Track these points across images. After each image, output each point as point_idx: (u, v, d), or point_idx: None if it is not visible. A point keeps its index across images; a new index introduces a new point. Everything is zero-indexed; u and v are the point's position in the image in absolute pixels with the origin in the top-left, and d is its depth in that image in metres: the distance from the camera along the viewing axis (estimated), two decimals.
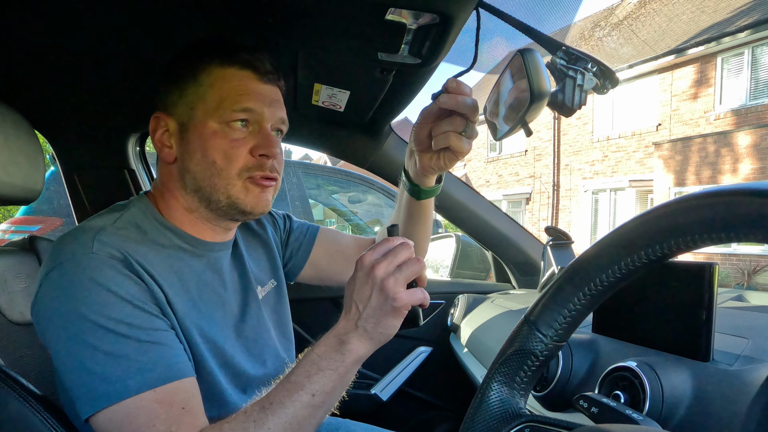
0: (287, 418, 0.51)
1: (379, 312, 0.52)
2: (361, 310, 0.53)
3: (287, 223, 0.92)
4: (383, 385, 1.37)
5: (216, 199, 0.63)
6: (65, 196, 1.24)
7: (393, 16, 0.62)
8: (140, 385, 0.50)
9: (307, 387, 0.52)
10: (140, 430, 0.49)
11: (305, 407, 0.52)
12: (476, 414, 0.44)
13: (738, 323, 0.67)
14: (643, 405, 0.50)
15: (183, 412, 0.51)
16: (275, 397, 0.52)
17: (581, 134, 11.19)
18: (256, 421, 0.50)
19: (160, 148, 0.65)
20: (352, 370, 0.54)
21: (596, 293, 0.38)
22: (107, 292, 0.52)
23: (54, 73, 0.89)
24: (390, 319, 0.52)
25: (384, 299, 0.51)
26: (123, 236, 0.58)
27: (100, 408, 0.49)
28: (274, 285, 0.81)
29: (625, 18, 11.33)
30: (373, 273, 0.52)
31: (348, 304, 0.54)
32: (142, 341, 0.52)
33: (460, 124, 0.63)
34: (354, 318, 0.53)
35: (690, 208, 0.31)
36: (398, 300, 0.51)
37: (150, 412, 0.50)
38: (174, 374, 0.53)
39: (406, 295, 0.51)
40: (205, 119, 0.62)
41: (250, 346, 0.69)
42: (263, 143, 0.63)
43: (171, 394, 0.52)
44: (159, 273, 0.58)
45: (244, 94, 0.62)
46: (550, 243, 1.14)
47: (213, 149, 0.61)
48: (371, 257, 0.53)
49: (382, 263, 0.52)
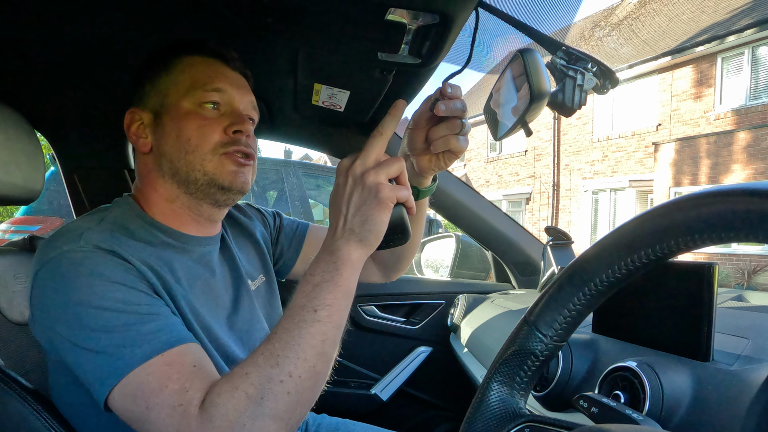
0: (295, 340, 0.49)
1: (364, 207, 0.51)
2: (344, 211, 0.52)
3: (277, 220, 0.92)
4: (383, 385, 1.37)
5: (194, 179, 0.64)
6: (65, 196, 1.24)
7: (393, 16, 0.62)
8: (147, 353, 0.50)
9: (307, 305, 0.50)
10: (154, 394, 0.48)
11: (311, 324, 0.49)
12: (476, 414, 0.44)
13: (738, 323, 0.67)
14: (643, 405, 0.50)
15: (195, 370, 0.50)
16: (280, 326, 0.50)
17: (581, 134, 11.20)
18: (264, 354, 0.49)
19: (135, 141, 0.67)
20: (350, 279, 0.52)
21: (596, 293, 0.38)
22: (99, 277, 0.52)
23: (54, 73, 0.89)
24: (376, 213, 0.50)
25: (367, 193, 0.51)
26: (109, 235, 0.57)
27: (113, 385, 0.49)
28: (264, 280, 0.82)
29: (625, 18, 11.33)
30: (352, 170, 0.52)
31: (333, 215, 0.54)
32: (141, 314, 0.52)
33: (458, 126, 0.63)
34: (339, 224, 0.52)
35: (690, 208, 0.31)
36: (381, 190, 0.50)
37: (161, 374, 0.49)
38: (179, 339, 0.52)
39: (388, 188, 0.51)
40: (178, 102, 0.64)
41: (244, 337, 0.69)
42: (236, 121, 0.65)
43: (180, 356, 0.51)
44: (151, 263, 0.58)
45: (214, 77, 0.65)
46: (550, 243, 1.14)
47: (187, 129, 0.63)
48: (348, 160, 0.53)
49: (358, 161, 0.52)
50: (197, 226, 0.69)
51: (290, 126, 1.19)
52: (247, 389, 0.47)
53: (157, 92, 0.65)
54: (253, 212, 0.89)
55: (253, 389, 0.47)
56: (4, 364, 0.62)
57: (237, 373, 0.48)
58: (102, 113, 1.07)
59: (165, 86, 0.65)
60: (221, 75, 0.66)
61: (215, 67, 0.67)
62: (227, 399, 0.46)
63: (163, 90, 0.65)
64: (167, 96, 0.65)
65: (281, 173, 3.41)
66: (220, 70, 0.67)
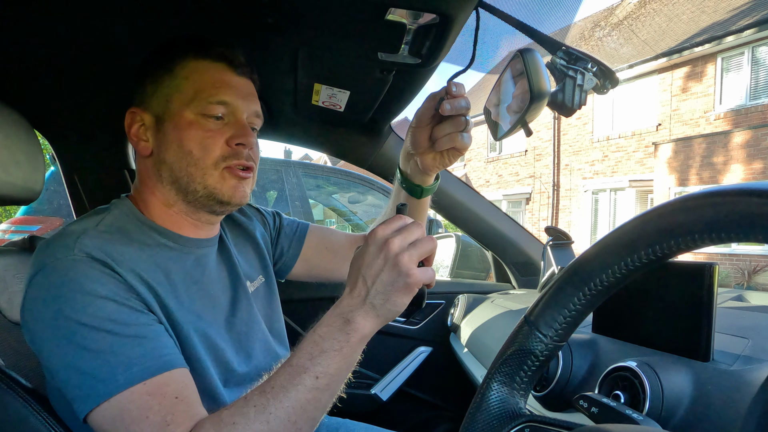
0: (290, 402, 0.49)
1: (390, 288, 0.50)
2: (370, 285, 0.50)
3: (277, 220, 0.92)
4: (383, 385, 1.37)
5: (193, 190, 0.63)
6: (65, 196, 1.24)
7: (393, 16, 0.62)
8: (129, 379, 0.50)
9: (310, 369, 0.50)
10: (134, 422, 0.49)
11: (309, 390, 0.50)
12: (476, 414, 0.44)
13: (738, 323, 0.67)
14: (643, 405, 0.50)
15: (176, 402, 0.51)
16: (276, 381, 0.51)
17: (581, 134, 11.19)
18: (256, 406, 0.49)
19: (136, 143, 0.65)
20: (357, 349, 0.52)
21: (596, 293, 0.38)
22: (89, 292, 0.52)
23: (54, 73, 0.89)
24: (400, 295, 0.50)
25: (397, 275, 0.49)
26: (106, 239, 0.57)
27: (94, 406, 0.49)
28: (263, 281, 0.82)
29: (625, 18, 11.33)
30: (387, 247, 0.50)
31: (353, 279, 0.52)
32: (128, 336, 0.52)
33: (462, 124, 0.64)
34: (361, 294, 0.51)
35: (690, 208, 0.31)
36: (412, 276, 0.49)
37: (142, 404, 0.50)
38: (163, 366, 0.52)
39: (419, 273, 0.50)
40: (181, 110, 0.62)
41: (242, 341, 0.69)
42: (239, 133, 0.64)
43: (162, 386, 0.51)
44: (145, 271, 0.58)
45: (220, 87, 0.63)
46: (550, 243, 1.14)
47: (189, 139, 0.62)
48: (385, 231, 0.51)
49: (397, 238, 0.50)
50: (195, 228, 0.69)
51: (290, 126, 1.19)
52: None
53: (159, 95, 0.64)
54: (252, 212, 0.89)
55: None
56: (4, 364, 0.62)
57: (224, 421, 0.49)
58: (102, 113, 1.07)
59: (168, 90, 0.63)
60: (226, 85, 0.64)
61: (221, 75, 0.64)
62: None
63: (166, 94, 0.63)
64: (170, 102, 0.63)
65: (281, 173, 3.40)
66: (225, 79, 0.64)
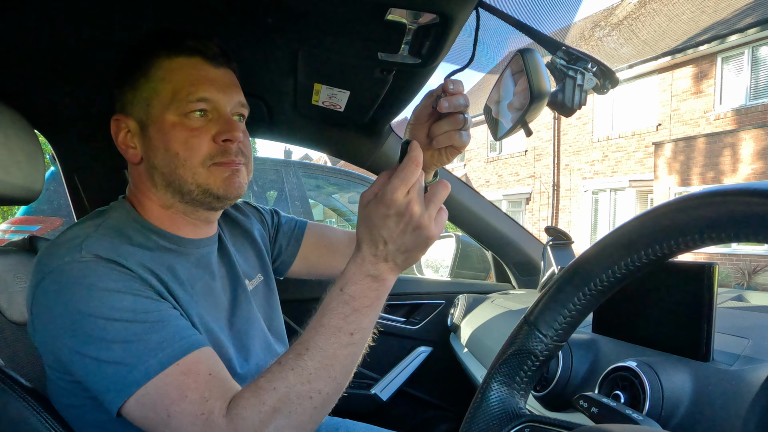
0: (329, 360, 0.51)
1: (413, 247, 0.51)
2: (392, 247, 0.51)
3: (275, 218, 0.92)
4: (383, 385, 1.37)
5: (188, 190, 0.63)
6: (65, 196, 1.24)
7: (393, 16, 0.62)
8: (162, 362, 0.50)
9: (344, 328, 0.52)
10: (174, 403, 0.49)
11: (345, 346, 0.52)
12: (476, 414, 0.44)
13: (738, 323, 0.67)
14: (643, 405, 0.50)
15: (211, 378, 0.52)
16: (311, 342, 0.52)
17: (581, 134, 11.19)
18: (294, 369, 0.50)
19: (125, 150, 0.65)
20: (384, 301, 0.55)
21: (596, 293, 0.38)
22: (103, 288, 0.52)
23: (54, 73, 0.89)
24: (421, 252, 0.52)
25: (418, 236, 0.50)
26: (108, 242, 0.57)
27: (129, 395, 0.49)
28: (262, 279, 0.82)
29: (625, 18, 11.33)
30: (409, 211, 0.49)
31: (373, 238, 0.52)
32: (151, 322, 0.52)
33: (461, 122, 0.63)
34: (383, 253, 0.52)
35: (690, 208, 0.31)
36: (433, 236, 0.51)
37: (179, 384, 0.50)
38: (192, 345, 0.53)
39: (437, 229, 0.51)
40: (162, 114, 0.61)
41: (242, 339, 0.70)
42: (224, 128, 0.63)
43: (195, 363, 0.52)
44: (153, 266, 0.58)
45: (197, 83, 0.62)
46: (550, 243, 1.14)
47: (174, 141, 0.61)
48: (402, 191, 0.49)
49: (416, 201, 0.50)
50: (193, 228, 0.69)
51: (290, 126, 1.19)
52: (274, 404, 0.49)
53: (139, 100, 0.63)
54: (250, 210, 0.89)
55: (281, 404, 0.49)
56: (4, 364, 0.61)
57: (263, 388, 0.50)
58: (102, 113, 1.07)
59: (147, 94, 0.62)
60: (204, 80, 0.62)
61: (197, 70, 0.62)
62: (254, 413, 0.49)
63: (145, 98, 0.62)
64: (150, 106, 0.62)
65: (281, 173, 3.40)
66: (202, 74, 0.62)
